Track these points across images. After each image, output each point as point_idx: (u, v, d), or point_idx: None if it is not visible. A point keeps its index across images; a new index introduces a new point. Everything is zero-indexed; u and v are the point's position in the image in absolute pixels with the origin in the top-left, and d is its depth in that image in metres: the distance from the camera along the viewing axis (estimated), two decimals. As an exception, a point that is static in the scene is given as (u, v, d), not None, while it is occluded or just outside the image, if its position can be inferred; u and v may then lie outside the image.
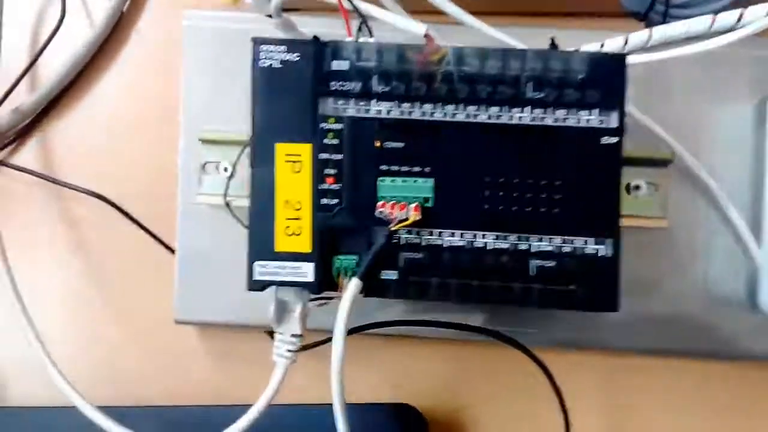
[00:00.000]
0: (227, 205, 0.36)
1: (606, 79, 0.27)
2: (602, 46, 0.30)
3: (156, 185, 0.40)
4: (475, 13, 0.31)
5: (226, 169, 0.37)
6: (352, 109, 0.28)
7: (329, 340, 0.35)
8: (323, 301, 0.31)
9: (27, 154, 0.41)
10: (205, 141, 0.37)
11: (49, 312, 0.40)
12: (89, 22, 0.42)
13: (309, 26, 0.32)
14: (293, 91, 0.28)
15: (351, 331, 0.28)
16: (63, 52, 0.40)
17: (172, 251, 0.38)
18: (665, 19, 0.34)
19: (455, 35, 0.31)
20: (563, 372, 0.34)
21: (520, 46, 0.31)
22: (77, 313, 0.41)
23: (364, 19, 0.29)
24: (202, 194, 0.37)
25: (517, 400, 0.38)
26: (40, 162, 0.41)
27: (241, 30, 0.36)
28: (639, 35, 0.30)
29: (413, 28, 0.28)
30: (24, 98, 0.40)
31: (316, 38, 0.28)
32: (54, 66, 0.40)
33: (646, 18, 0.35)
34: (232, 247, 0.36)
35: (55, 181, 0.40)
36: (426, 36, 0.28)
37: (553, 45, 0.28)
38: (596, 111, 0.27)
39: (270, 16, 0.30)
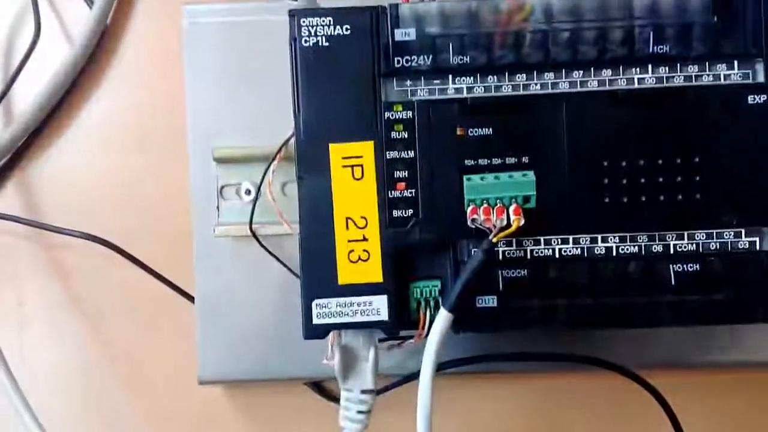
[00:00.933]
0: (254, 234, 0.31)
1: (745, 20, 0.22)
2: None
3: (165, 220, 0.34)
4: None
5: (248, 192, 0.32)
6: (423, 91, 0.23)
7: (394, 385, 0.30)
8: (396, 342, 0.25)
9: (6, 199, 0.36)
10: (220, 160, 0.32)
11: (46, 385, 0.35)
12: (68, 39, 0.36)
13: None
14: (346, 75, 0.22)
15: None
16: (40, 76, 0.35)
17: (191, 298, 0.33)
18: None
19: None
20: (669, 395, 0.29)
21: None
22: (80, 384, 0.35)
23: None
24: (222, 225, 0.32)
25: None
26: (23, 206, 0.36)
27: (252, 22, 0.32)
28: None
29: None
30: (-1, 134, 0.35)
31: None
32: (30, 94, 0.35)
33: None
34: (262, 286, 0.32)
35: (42, 227, 0.34)
36: (503, -9, 0.22)
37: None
38: (736, 63, 0.22)
39: (292, -4, 0.25)
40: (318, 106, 0.22)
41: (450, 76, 0.22)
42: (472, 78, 0.22)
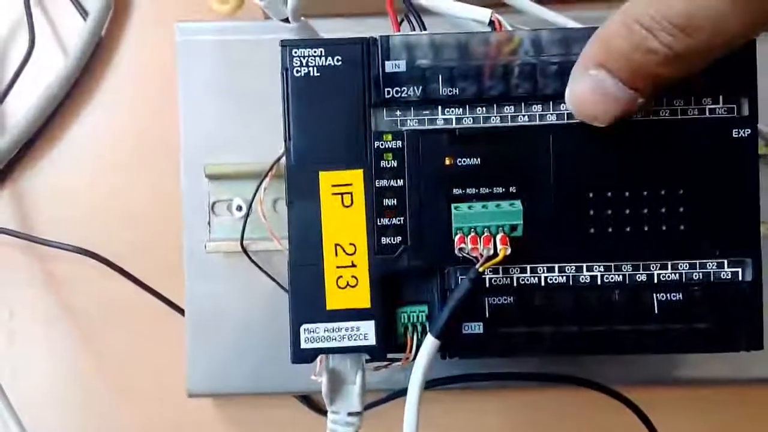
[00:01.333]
0: (245, 250, 0.31)
1: (731, 57, 0.21)
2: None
3: (157, 234, 0.35)
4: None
5: (239, 208, 0.32)
6: (413, 121, 0.23)
7: (381, 402, 0.30)
8: (383, 364, 0.25)
9: (-2, 210, 0.36)
10: (212, 176, 0.32)
11: (36, 394, 0.35)
12: (62, 51, 0.37)
13: (331, 31, 0.26)
14: (337, 105, 0.22)
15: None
16: (34, 87, 0.35)
17: (181, 311, 0.33)
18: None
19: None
20: (651, 410, 0.29)
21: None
22: (70, 393, 0.35)
23: (412, 8, 0.23)
24: (213, 241, 0.32)
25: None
26: (14, 217, 0.36)
27: (245, 41, 0.32)
28: None
29: (475, 14, 0.22)
30: (-9, 145, 0.35)
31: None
32: (24, 105, 0.35)
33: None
34: (252, 301, 0.32)
35: (33, 240, 0.34)
36: (492, 22, 0.22)
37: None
38: (722, 98, 0.22)
39: (285, 21, 0.25)
40: (309, 135, 0.22)
41: (439, 107, 0.22)
42: (461, 109, 0.22)
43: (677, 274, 0.22)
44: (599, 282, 0.23)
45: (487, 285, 0.23)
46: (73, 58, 0.35)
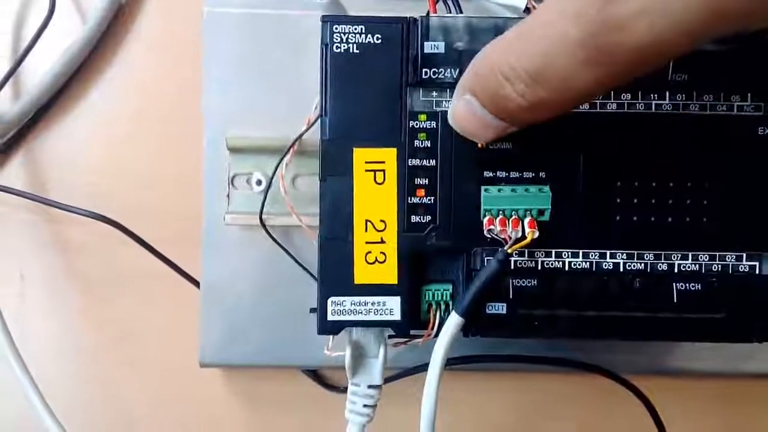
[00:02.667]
0: (263, 224, 0.31)
1: (761, 53, 0.22)
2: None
3: (174, 204, 0.35)
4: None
5: (259, 182, 0.32)
6: (448, 103, 0.23)
7: (397, 377, 0.31)
8: (402, 340, 0.25)
9: (12, 172, 0.36)
10: (233, 149, 0.32)
11: (48, 359, 0.35)
12: (82, 16, 0.36)
13: (359, 8, 0.26)
14: (374, 83, 0.23)
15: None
16: (52, 52, 0.35)
17: (196, 283, 0.33)
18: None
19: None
20: (660, 400, 0.30)
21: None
22: (82, 360, 0.35)
23: (450, -9, 0.23)
24: (231, 213, 0.32)
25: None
26: (29, 181, 0.36)
27: (272, 16, 0.31)
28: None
29: (512, 0, 0.23)
30: (7, 107, 0.35)
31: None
32: (42, 69, 0.35)
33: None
34: (268, 275, 0.32)
35: (48, 203, 0.34)
36: (528, 9, 0.23)
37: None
38: (750, 96, 0.23)
39: (317, -4, 0.25)
40: (345, 111, 0.22)
41: (475, 90, 0.22)
42: (496, 93, 0.22)
43: (697, 265, 0.23)
44: (621, 269, 0.23)
45: (513, 267, 0.23)
46: (94, 22, 0.35)
